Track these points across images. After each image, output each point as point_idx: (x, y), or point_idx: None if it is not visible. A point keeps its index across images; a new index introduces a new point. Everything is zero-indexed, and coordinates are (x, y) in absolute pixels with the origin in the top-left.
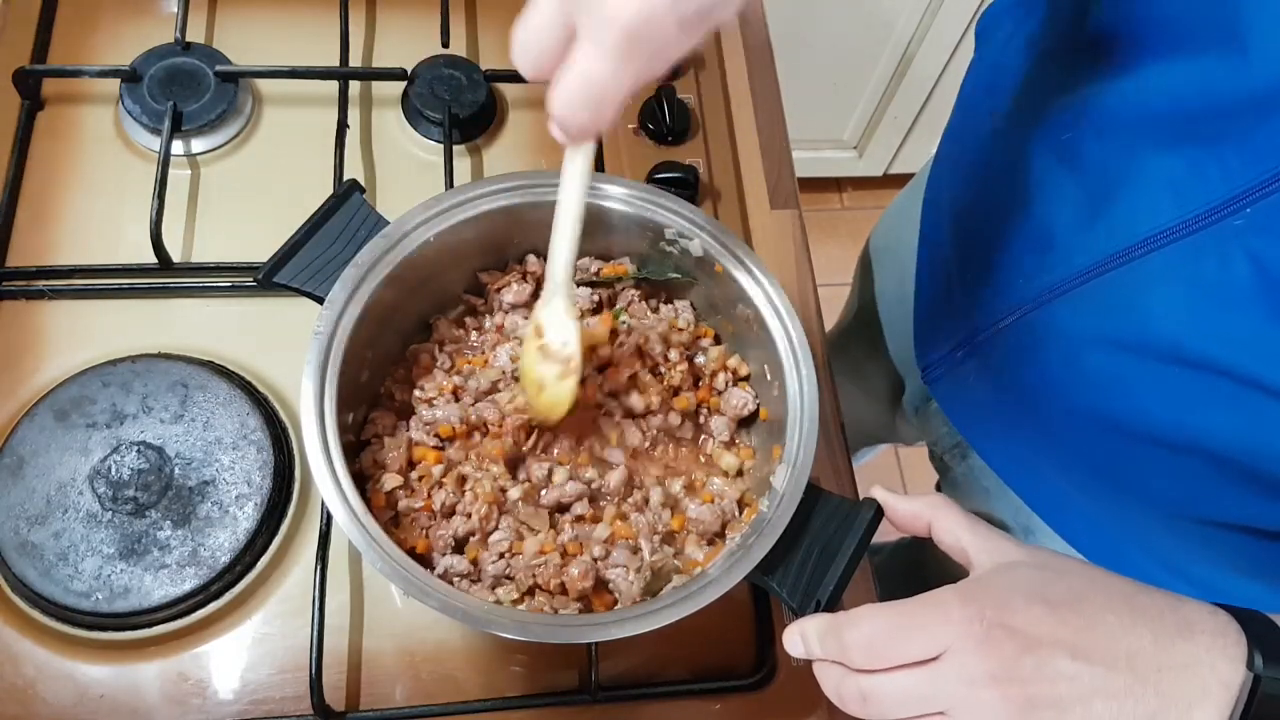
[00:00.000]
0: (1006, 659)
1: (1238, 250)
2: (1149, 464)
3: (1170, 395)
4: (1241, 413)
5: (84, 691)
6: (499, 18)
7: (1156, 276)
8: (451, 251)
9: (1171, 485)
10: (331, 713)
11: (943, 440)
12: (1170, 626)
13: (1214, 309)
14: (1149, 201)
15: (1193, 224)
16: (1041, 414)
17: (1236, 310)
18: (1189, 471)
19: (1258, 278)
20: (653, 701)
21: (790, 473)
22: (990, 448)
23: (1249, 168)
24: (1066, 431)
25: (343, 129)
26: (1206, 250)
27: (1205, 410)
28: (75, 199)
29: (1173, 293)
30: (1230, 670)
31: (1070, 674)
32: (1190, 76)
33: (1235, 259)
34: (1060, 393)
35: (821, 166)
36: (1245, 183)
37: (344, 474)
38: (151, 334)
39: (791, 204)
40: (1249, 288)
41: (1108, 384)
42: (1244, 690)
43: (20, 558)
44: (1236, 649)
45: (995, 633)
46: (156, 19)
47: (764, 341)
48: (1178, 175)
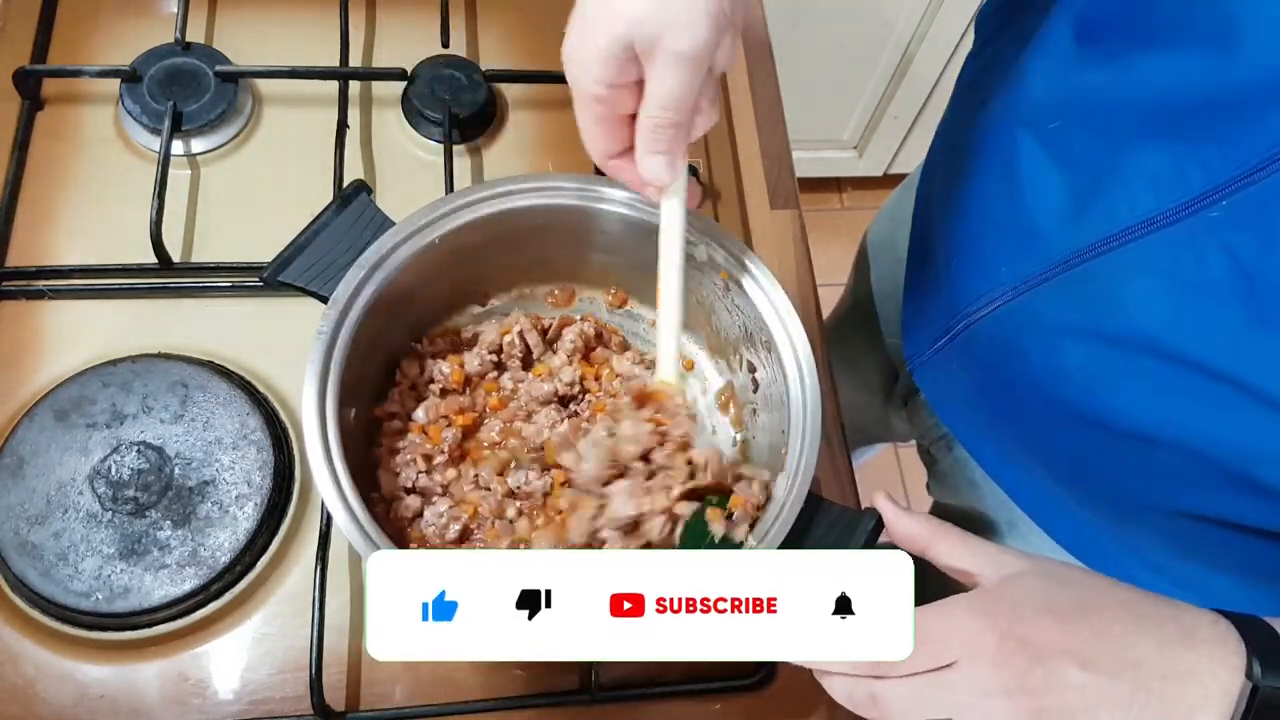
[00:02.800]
0: (1018, 670)
1: (1213, 244)
2: (1125, 458)
3: (1146, 389)
4: (1216, 409)
5: (84, 691)
6: (499, 18)
7: (1134, 268)
8: (457, 253)
9: (1148, 480)
10: (331, 713)
11: (930, 432)
12: (1173, 635)
13: (1190, 303)
14: (1129, 193)
15: (1170, 216)
16: (1021, 406)
17: (1212, 305)
18: (1165, 467)
19: (1233, 272)
20: (653, 702)
21: (791, 482)
22: (974, 439)
23: (1227, 161)
24: (1045, 424)
25: (343, 129)
26: (1183, 243)
27: (1181, 405)
28: (75, 199)
29: (1149, 285)
30: (1230, 678)
31: (1078, 684)
32: (1176, 71)
33: (1211, 253)
34: (1039, 384)
35: (821, 166)
36: (1222, 176)
37: (344, 474)
38: (151, 334)
39: (791, 204)
40: (1225, 283)
41: (1085, 376)
42: (1243, 698)
43: (20, 558)
44: (1237, 657)
45: (1007, 644)
46: (156, 19)
47: (767, 348)
48: (1159, 168)
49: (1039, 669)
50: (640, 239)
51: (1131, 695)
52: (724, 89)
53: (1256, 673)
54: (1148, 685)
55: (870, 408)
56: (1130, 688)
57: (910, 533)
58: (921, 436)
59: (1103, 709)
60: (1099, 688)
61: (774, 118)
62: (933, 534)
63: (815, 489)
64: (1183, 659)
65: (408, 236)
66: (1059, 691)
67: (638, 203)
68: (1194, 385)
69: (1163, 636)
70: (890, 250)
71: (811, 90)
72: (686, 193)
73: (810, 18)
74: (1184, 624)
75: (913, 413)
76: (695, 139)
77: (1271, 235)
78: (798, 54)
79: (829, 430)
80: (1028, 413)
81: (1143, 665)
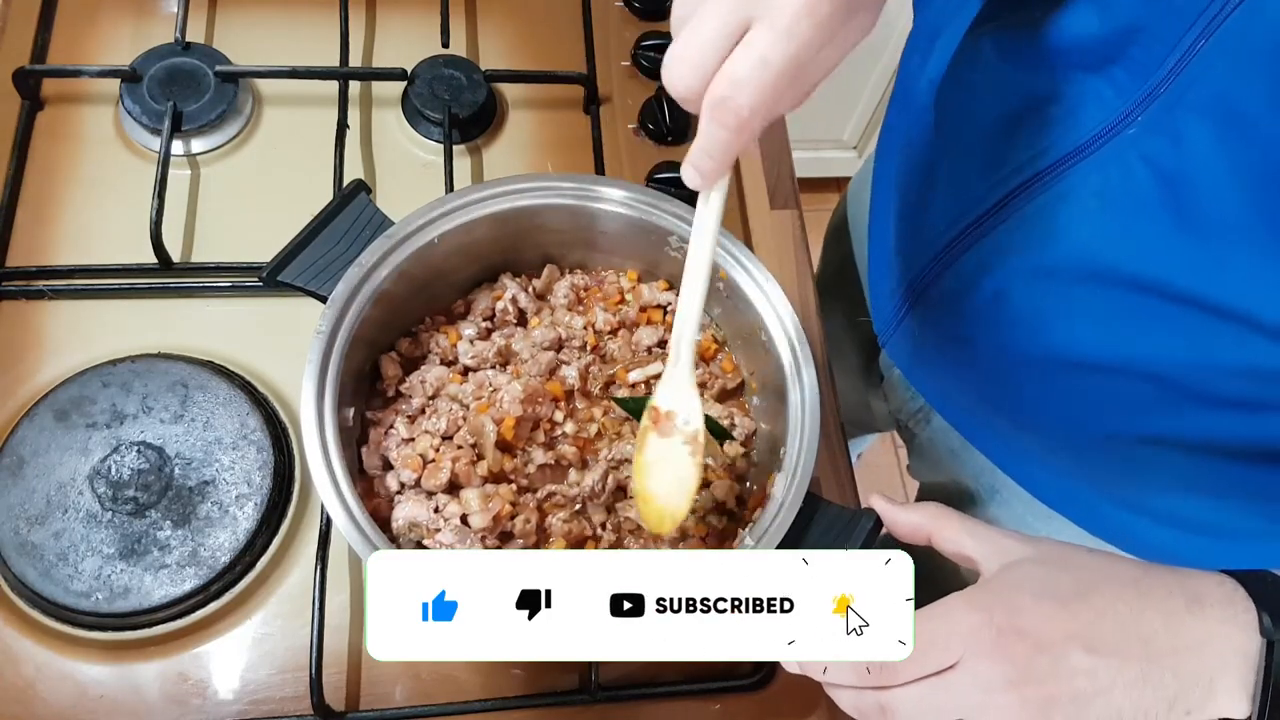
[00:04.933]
0: (1020, 661)
1: (1134, 156)
2: (1084, 392)
3: (1092, 316)
4: (1160, 325)
5: (84, 691)
6: (499, 18)
7: (1066, 197)
8: (456, 253)
9: (1109, 410)
10: (331, 713)
11: (905, 407)
12: (1179, 605)
13: (1121, 220)
14: (1053, 128)
15: (1094, 142)
16: (980, 358)
17: (1142, 218)
18: (1122, 393)
19: (1156, 181)
20: (652, 702)
21: (790, 481)
22: (944, 403)
23: (1135, 81)
24: (1004, 372)
25: (343, 129)
26: (1109, 162)
27: (1126, 327)
28: (75, 199)
29: (1081, 210)
30: (1245, 639)
31: (1086, 668)
32: (1084, 9)
33: (1134, 167)
34: (992, 332)
35: (821, 166)
36: (1135, 95)
37: (343, 475)
38: (151, 334)
39: (791, 204)
40: (1150, 193)
41: (1032, 315)
42: (1261, 657)
43: (20, 558)
44: (1247, 615)
45: (1006, 636)
46: (156, 19)
47: (765, 347)
48: (1075, 100)
49: (1043, 657)
50: (639, 238)
51: (1144, 673)
52: None
53: (1268, 627)
54: (1160, 661)
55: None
56: (1142, 666)
57: (911, 523)
58: (899, 413)
59: (1116, 690)
60: (1109, 669)
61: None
62: (934, 521)
63: (815, 488)
64: (1193, 628)
65: (407, 236)
66: (1067, 677)
67: (637, 202)
68: (1135, 304)
69: (1169, 608)
70: (862, 228)
71: None
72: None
73: None
74: (1189, 590)
75: (889, 390)
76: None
77: (1179, 134)
78: None
79: (828, 430)
80: (987, 364)
81: (1152, 641)
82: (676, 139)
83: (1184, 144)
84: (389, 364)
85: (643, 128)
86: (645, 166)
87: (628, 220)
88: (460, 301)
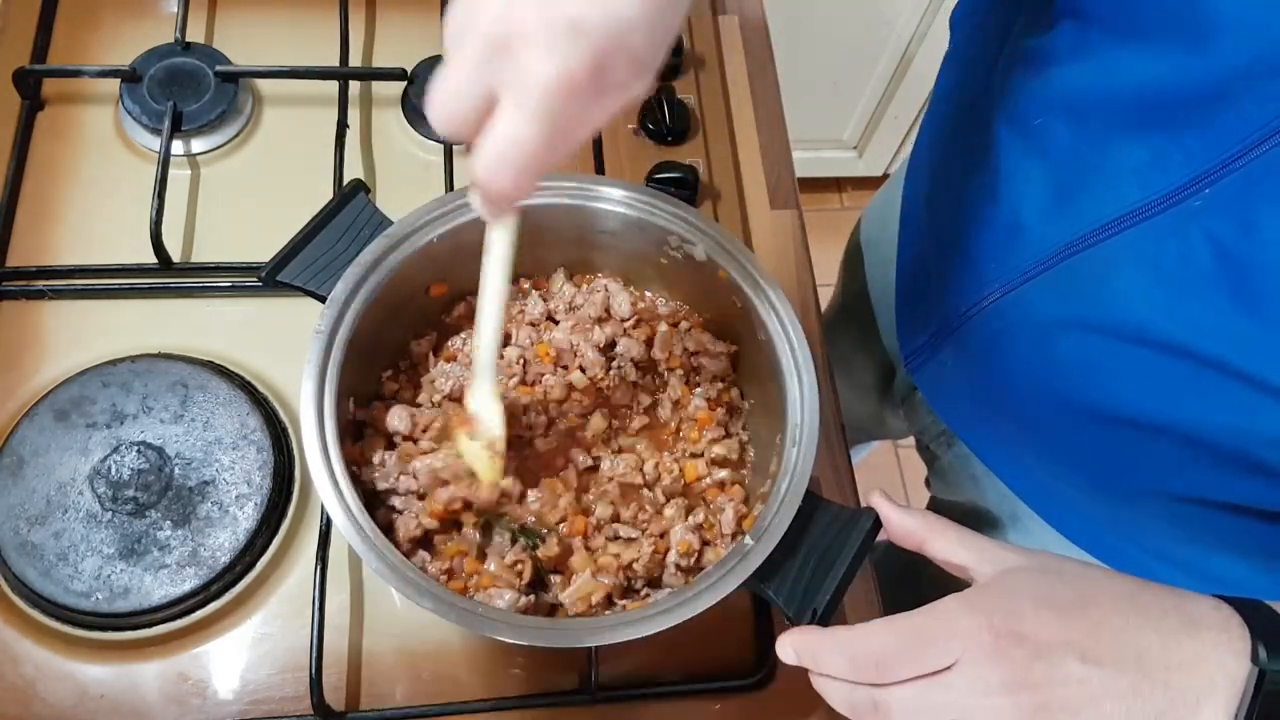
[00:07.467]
0: (1017, 666)
1: (1197, 232)
2: (1122, 446)
3: (1138, 377)
4: (1207, 394)
5: (84, 691)
6: None
7: (1120, 259)
8: (455, 253)
9: (1146, 467)
10: (331, 713)
11: (929, 429)
12: (1175, 623)
13: (1176, 292)
14: (1114, 186)
15: (1154, 207)
16: (1017, 399)
17: (1198, 292)
18: (1162, 452)
19: (1217, 259)
20: (652, 702)
21: (789, 481)
22: (973, 435)
23: (1208, 151)
24: (1042, 416)
25: (343, 129)
26: (1167, 232)
27: (1173, 392)
28: (75, 199)
29: (1136, 275)
30: (1235, 665)
31: (1080, 676)
32: (1156, 63)
33: (1195, 241)
34: (1032, 377)
35: (821, 166)
36: (1204, 165)
37: (343, 475)
38: (151, 334)
39: (791, 204)
40: (1209, 270)
41: (1077, 367)
42: (1249, 684)
43: (20, 558)
44: (1241, 643)
45: (1004, 641)
46: (156, 19)
47: (765, 348)
48: (1142, 160)
49: (1039, 663)
50: (639, 237)
51: (1135, 686)
52: (724, 89)
53: (1262, 657)
54: (1151, 675)
55: (864, 404)
56: (1134, 679)
57: (906, 528)
58: (921, 433)
59: (1106, 700)
60: (1101, 679)
61: (774, 118)
62: (929, 529)
63: (815, 488)
64: (1186, 648)
65: (406, 236)
66: (1061, 684)
67: (636, 201)
68: (1184, 372)
69: (1165, 626)
70: (879, 250)
71: (811, 90)
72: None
73: (810, 18)
74: (1186, 612)
75: (911, 410)
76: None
77: (1251, 221)
78: (798, 54)
79: (828, 430)
80: (1024, 406)
81: (1145, 656)
82: (676, 139)
83: (1256, 231)
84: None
85: (643, 128)
86: (645, 166)
87: (627, 220)
88: (462, 303)
